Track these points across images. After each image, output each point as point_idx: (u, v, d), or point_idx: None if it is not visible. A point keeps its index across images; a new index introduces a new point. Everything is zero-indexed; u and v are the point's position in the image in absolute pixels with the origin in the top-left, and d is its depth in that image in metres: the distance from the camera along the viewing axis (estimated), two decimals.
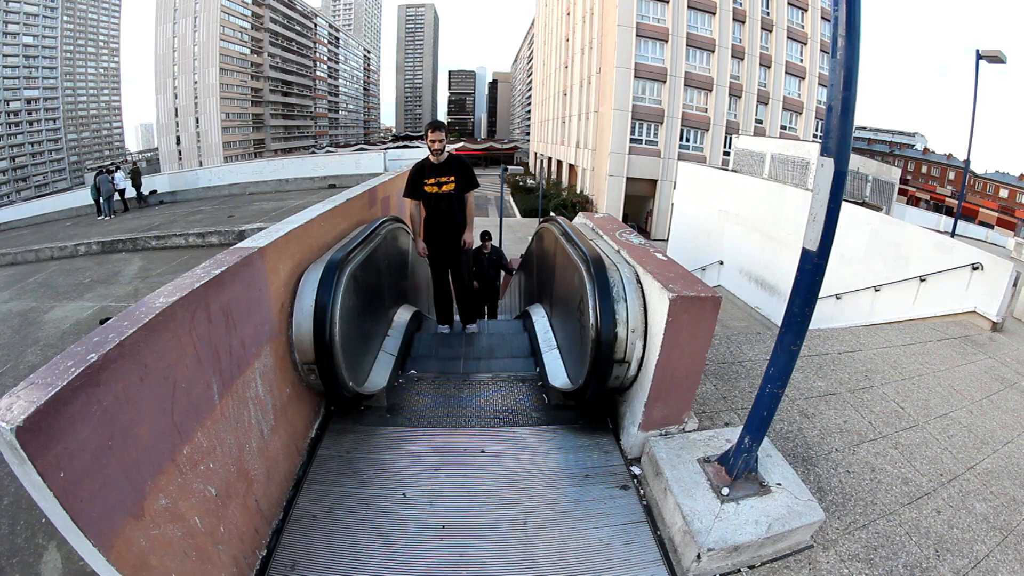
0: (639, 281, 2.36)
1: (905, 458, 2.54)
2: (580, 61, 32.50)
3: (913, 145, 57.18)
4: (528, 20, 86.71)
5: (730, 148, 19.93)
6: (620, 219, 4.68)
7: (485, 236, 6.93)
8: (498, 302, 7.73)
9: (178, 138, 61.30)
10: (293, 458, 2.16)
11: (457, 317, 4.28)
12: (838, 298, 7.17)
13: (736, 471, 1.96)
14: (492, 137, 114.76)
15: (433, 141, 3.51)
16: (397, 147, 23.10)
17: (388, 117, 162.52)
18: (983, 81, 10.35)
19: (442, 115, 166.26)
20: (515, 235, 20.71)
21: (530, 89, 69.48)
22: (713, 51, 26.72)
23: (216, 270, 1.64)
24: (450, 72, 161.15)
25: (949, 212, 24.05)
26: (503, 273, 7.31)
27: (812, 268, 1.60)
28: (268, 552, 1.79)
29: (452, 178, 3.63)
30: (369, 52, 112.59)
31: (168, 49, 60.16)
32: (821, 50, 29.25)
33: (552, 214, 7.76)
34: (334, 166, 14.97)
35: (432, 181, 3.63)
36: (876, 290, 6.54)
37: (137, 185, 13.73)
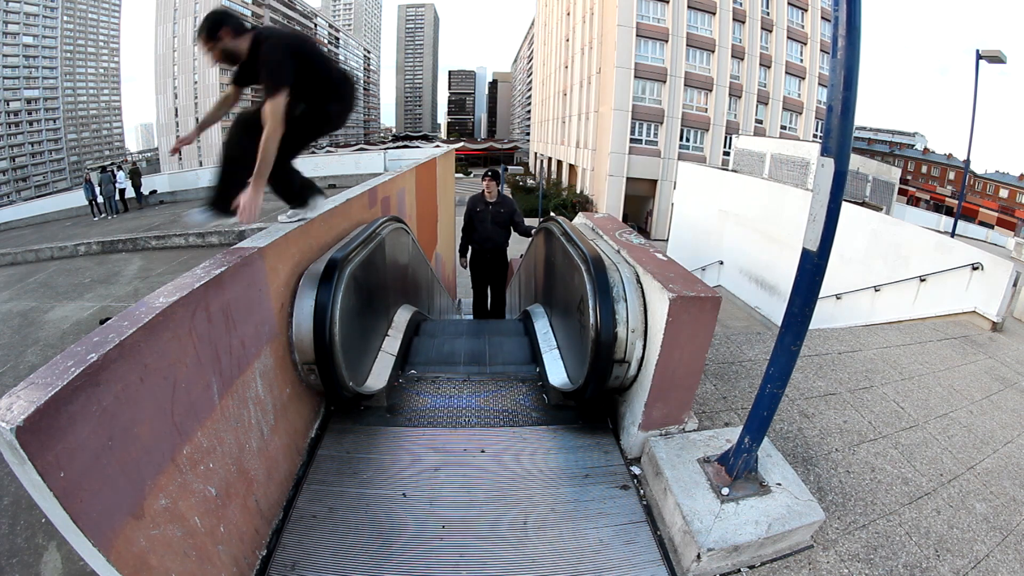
0: (639, 281, 2.36)
1: (905, 458, 2.54)
2: (580, 61, 32.51)
3: (913, 145, 57.24)
4: (528, 20, 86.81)
5: (730, 148, 19.95)
6: (620, 219, 4.66)
7: (491, 175, 4.97)
8: (506, 290, 5.87)
9: (178, 138, 61.32)
10: (293, 458, 2.16)
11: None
12: (838, 298, 7.18)
13: (736, 471, 1.96)
14: (492, 137, 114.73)
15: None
16: (397, 147, 23.08)
17: (388, 117, 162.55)
18: (983, 81, 10.37)
19: (442, 115, 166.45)
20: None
21: (530, 89, 69.49)
22: (713, 51, 26.73)
23: (216, 270, 1.64)
24: (450, 72, 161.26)
25: (949, 212, 24.06)
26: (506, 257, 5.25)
27: (812, 268, 1.60)
28: (268, 552, 1.79)
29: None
30: (369, 52, 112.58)
31: (168, 49, 60.19)
32: (821, 50, 29.25)
33: (552, 214, 7.54)
34: (334, 166, 14.98)
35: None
36: (876, 290, 6.55)
37: (137, 185, 13.75)
